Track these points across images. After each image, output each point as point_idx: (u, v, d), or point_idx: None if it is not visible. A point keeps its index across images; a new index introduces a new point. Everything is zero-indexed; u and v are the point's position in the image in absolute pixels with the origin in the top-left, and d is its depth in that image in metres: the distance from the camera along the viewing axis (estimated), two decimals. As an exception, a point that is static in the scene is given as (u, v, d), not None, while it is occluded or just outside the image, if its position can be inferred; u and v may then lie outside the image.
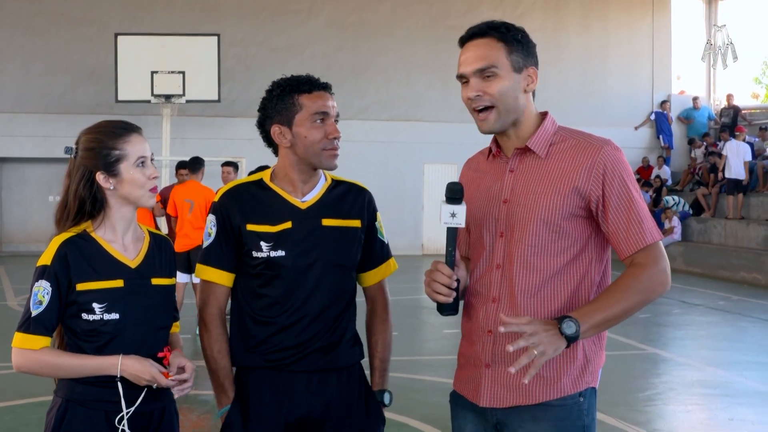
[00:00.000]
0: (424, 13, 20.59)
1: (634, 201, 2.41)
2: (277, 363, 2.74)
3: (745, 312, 12.00)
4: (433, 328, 10.51)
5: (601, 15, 21.76)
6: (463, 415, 2.59)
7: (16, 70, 18.89)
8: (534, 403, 2.43)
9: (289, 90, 2.75)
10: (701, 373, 8.21)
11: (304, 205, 2.78)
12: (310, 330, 2.73)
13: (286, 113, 2.75)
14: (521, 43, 2.47)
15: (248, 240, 2.74)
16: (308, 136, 2.72)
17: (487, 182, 2.57)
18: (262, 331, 2.75)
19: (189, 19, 19.18)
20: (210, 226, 2.79)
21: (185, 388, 2.65)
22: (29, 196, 19.19)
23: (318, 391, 2.76)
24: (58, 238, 2.60)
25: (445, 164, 20.25)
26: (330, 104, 2.76)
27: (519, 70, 2.46)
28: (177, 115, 17.16)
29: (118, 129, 2.64)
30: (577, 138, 2.49)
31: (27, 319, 2.54)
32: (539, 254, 2.43)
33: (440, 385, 7.07)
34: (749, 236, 16.49)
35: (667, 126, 21.57)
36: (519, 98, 2.47)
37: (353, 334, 2.87)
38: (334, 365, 2.77)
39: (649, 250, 2.40)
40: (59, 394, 2.63)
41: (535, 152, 2.48)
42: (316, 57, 19.82)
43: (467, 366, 2.58)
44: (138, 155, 2.61)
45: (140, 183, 2.61)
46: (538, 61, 2.51)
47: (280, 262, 2.71)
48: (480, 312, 2.52)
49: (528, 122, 2.51)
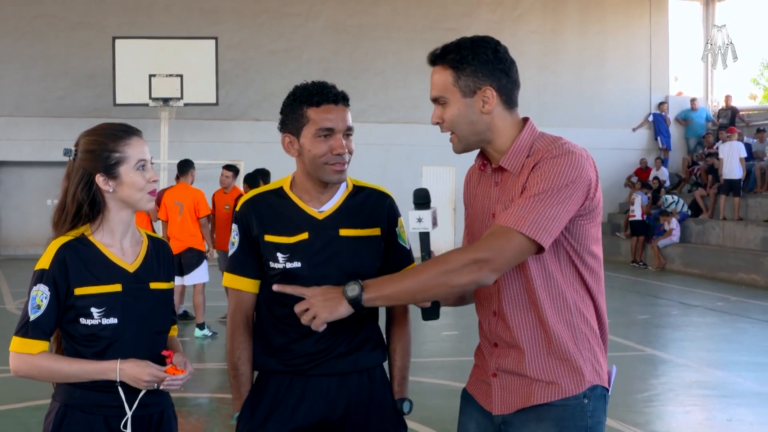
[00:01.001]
0: (423, 16, 20.60)
1: (536, 191, 2.32)
2: (297, 368, 2.74)
3: (744, 313, 12.00)
4: (432, 330, 10.50)
5: (599, 17, 21.78)
6: (470, 413, 2.63)
7: (14, 73, 18.88)
8: (537, 404, 2.45)
9: (299, 101, 2.71)
10: (700, 374, 8.22)
11: (322, 215, 2.76)
12: (329, 338, 2.72)
13: (295, 124, 2.72)
14: (474, 64, 2.44)
15: (265, 251, 2.74)
16: (312, 149, 2.69)
17: (479, 194, 2.60)
18: (282, 338, 2.75)
19: (187, 22, 19.18)
20: (234, 235, 2.81)
21: (173, 386, 2.60)
22: (27, 199, 19.16)
23: (338, 394, 2.75)
24: (57, 242, 2.59)
25: (443, 167, 20.25)
26: (339, 118, 2.69)
27: (471, 93, 2.44)
28: (175, 119, 17.15)
29: (119, 131, 2.63)
30: (548, 147, 2.43)
31: (25, 323, 2.54)
32: (523, 267, 2.43)
33: (439, 388, 7.07)
34: (747, 237, 16.50)
35: (664, 127, 21.59)
36: (476, 121, 2.46)
37: (376, 336, 2.85)
38: (354, 368, 2.76)
39: (493, 232, 2.34)
40: (57, 398, 2.63)
41: (507, 170, 2.48)
42: (314, 60, 19.84)
43: (480, 368, 2.63)
44: (138, 158, 2.61)
45: (140, 186, 2.61)
46: (507, 73, 2.46)
47: (297, 273, 2.70)
48: (485, 325, 2.58)
49: (502, 138, 2.49)
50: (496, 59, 2.46)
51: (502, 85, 2.47)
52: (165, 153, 16.63)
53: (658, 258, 17.75)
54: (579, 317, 2.46)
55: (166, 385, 2.58)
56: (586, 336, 2.47)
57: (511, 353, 2.49)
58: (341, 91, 2.75)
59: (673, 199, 18.70)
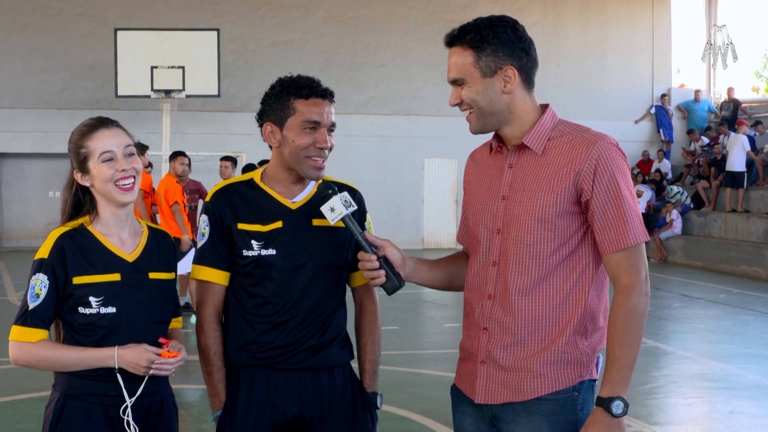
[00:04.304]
0: (424, 8, 20.57)
1: (622, 198, 2.36)
2: (267, 361, 2.72)
3: (746, 305, 12.00)
4: (434, 322, 10.51)
5: (600, 8, 21.72)
6: (463, 408, 2.59)
7: (15, 66, 18.87)
8: (527, 399, 2.43)
9: (287, 92, 2.72)
10: (702, 366, 8.21)
11: (295, 205, 2.77)
12: (300, 330, 2.72)
13: (280, 114, 2.73)
14: (495, 43, 2.41)
15: (239, 239, 2.73)
16: (296, 140, 2.69)
17: (488, 177, 2.56)
18: (252, 330, 2.73)
19: (188, 14, 19.16)
20: (203, 225, 2.78)
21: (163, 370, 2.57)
22: (29, 191, 19.16)
23: (312, 389, 2.74)
24: (56, 232, 2.60)
25: (445, 158, 20.24)
26: (325, 112, 2.71)
27: (491, 73, 2.42)
28: (177, 110, 17.14)
29: (86, 127, 2.64)
30: (575, 133, 2.45)
31: (24, 312, 2.55)
32: (534, 253, 2.41)
33: (441, 379, 7.07)
34: (750, 230, 16.48)
35: (667, 120, 21.55)
36: (496, 101, 2.44)
37: (344, 335, 2.86)
38: (324, 364, 2.76)
39: (630, 254, 2.37)
40: (57, 388, 2.63)
41: (531, 149, 2.45)
42: (316, 52, 19.81)
43: (465, 360, 2.59)
44: (101, 150, 2.59)
45: (105, 177, 2.58)
46: (527, 52, 2.45)
47: (271, 261, 2.70)
48: (476, 308, 2.53)
49: (522, 119, 2.47)
50: (516, 38, 2.44)
51: (523, 64, 2.45)
52: (167, 145, 16.61)
53: (660, 250, 17.74)
54: (582, 308, 2.43)
55: (155, 369, 2.56)
56: (585, 328, 2.45)
57: (503, 339, 2.45)
58: (327, 88, 2.77)
59: (678, 190, 18.69)
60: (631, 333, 2.34)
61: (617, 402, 2.31)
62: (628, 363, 2.34)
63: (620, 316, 2.35)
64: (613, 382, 2.33)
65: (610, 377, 2.34)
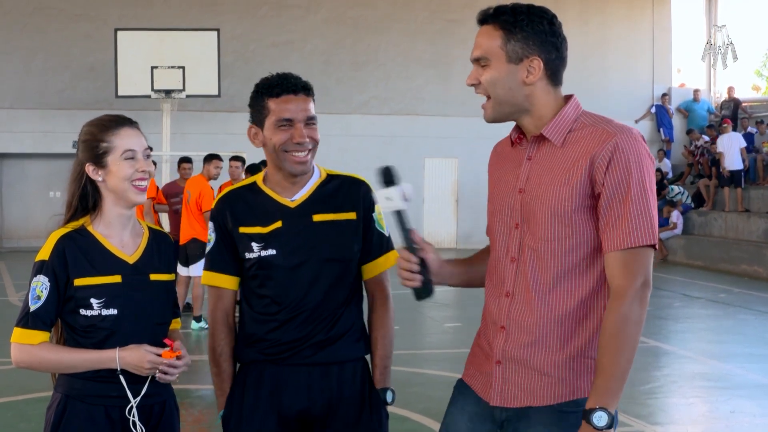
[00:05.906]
0: (424, 8, 20.56)
1: (631, 194, 2.21)
2: (275, 357, 2.74)
3: (746, 305, 12.00)
4: (434, 322, 10.51)
5: (600, 8, 21.72)
6: (462, 405, 2.49)
7: (15, 66, 18.88)
8: (546, 404, 2.30)
9: (261, 93, 2.73)
10: (702, 365, 8.21)
11: (294, 203, 2.77)
12: (307, 325, 2.72)
13: (258, 115, 2.75)
14: (527, 30, 2.31)
15: (240, 243, 2.75)
16: (273, 139, 2.70)
17: (507, 169, 2.44)
18: (260, 328, 2.75)
19: (188, 14, 19.17)
20: (210, 232, 2.83)
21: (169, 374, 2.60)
22: (29, 192, 19.16)
23: (320, 385, 2.74)
24: (56, 234, 2.60)
25: (446, 158, 20.24)
26: (298, 108, 2.69)
27: (517, 60, 2.32)
28: (177, 110, 17.13)
29: (109, 122, 2.64)
30: (596, 125, 2.32)
31: (26, 314, 2.54)
32: (553, 249, 2.29)
33: (442, 379, 7.07)
34: (750, 229, 16.48)
35: (667, 119, 21.55)
36: (515, 90, 2.33)
37: (358, 328, 2.83)
38: (333, 359, 2.75)
39: (628, 255, 2.20)
40: (59, 390, 2.63)
41: (550, 140, 2.34)
42: (316, 52, 19.82)
43: (480, 356, 2.47)
44: (125, 148, 2.60)
45: (125, 175, 2.59)
46: (558, 48, 2.36)
47: (271, 261, 2.71)
48: (493, 306, 2.42)
49: (543, 110, 2.36)
50: (550, 31, 2.35)
51: (551, 59, 2.36)
52: (167, 145, 16.61)
53: (660, 249, 17.73)
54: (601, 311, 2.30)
55: (160, 375, 2.58)
56: None
57: (521, 339, 2.32)
58: (304, 81, 2.75)
59: (679, 190, 18.68)
60: (622, 342, 2.18)
61: (599, 413, 2.15)
62: (615, 373, 2.18)
63: (610, 322, 2.19)
64: (597, 392, 2.17)
65: (595, 387, 2.19)
